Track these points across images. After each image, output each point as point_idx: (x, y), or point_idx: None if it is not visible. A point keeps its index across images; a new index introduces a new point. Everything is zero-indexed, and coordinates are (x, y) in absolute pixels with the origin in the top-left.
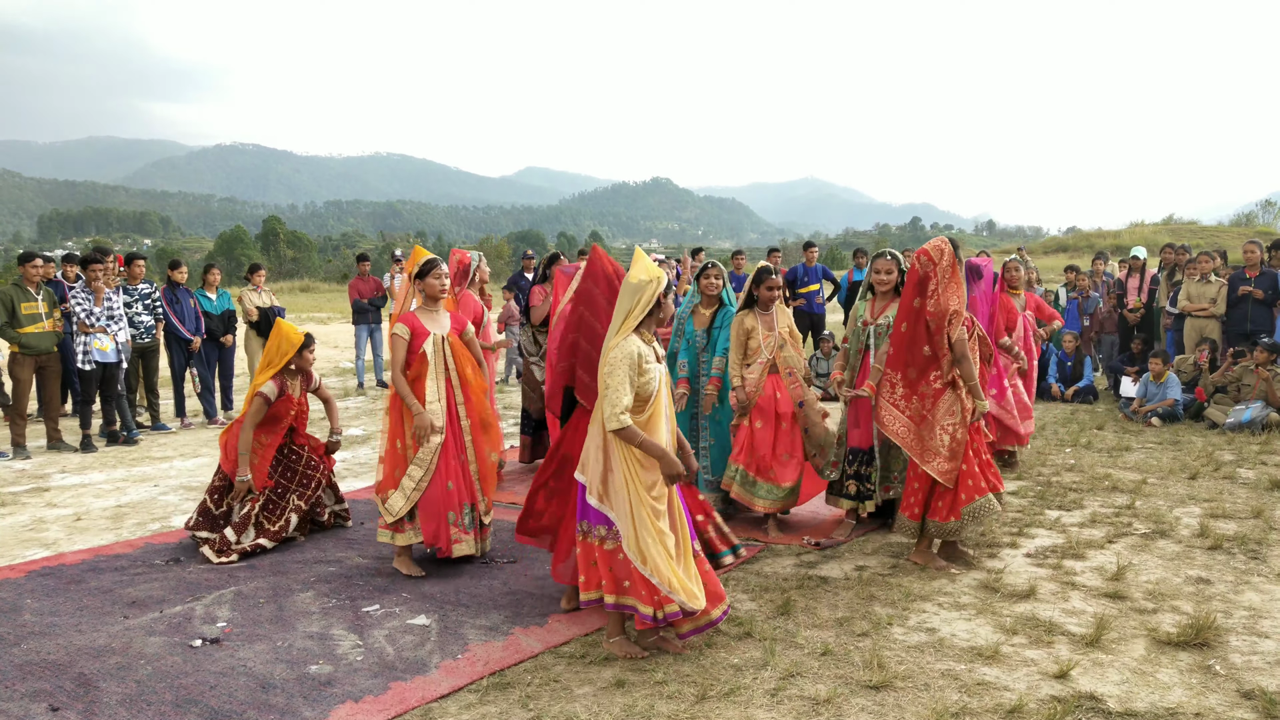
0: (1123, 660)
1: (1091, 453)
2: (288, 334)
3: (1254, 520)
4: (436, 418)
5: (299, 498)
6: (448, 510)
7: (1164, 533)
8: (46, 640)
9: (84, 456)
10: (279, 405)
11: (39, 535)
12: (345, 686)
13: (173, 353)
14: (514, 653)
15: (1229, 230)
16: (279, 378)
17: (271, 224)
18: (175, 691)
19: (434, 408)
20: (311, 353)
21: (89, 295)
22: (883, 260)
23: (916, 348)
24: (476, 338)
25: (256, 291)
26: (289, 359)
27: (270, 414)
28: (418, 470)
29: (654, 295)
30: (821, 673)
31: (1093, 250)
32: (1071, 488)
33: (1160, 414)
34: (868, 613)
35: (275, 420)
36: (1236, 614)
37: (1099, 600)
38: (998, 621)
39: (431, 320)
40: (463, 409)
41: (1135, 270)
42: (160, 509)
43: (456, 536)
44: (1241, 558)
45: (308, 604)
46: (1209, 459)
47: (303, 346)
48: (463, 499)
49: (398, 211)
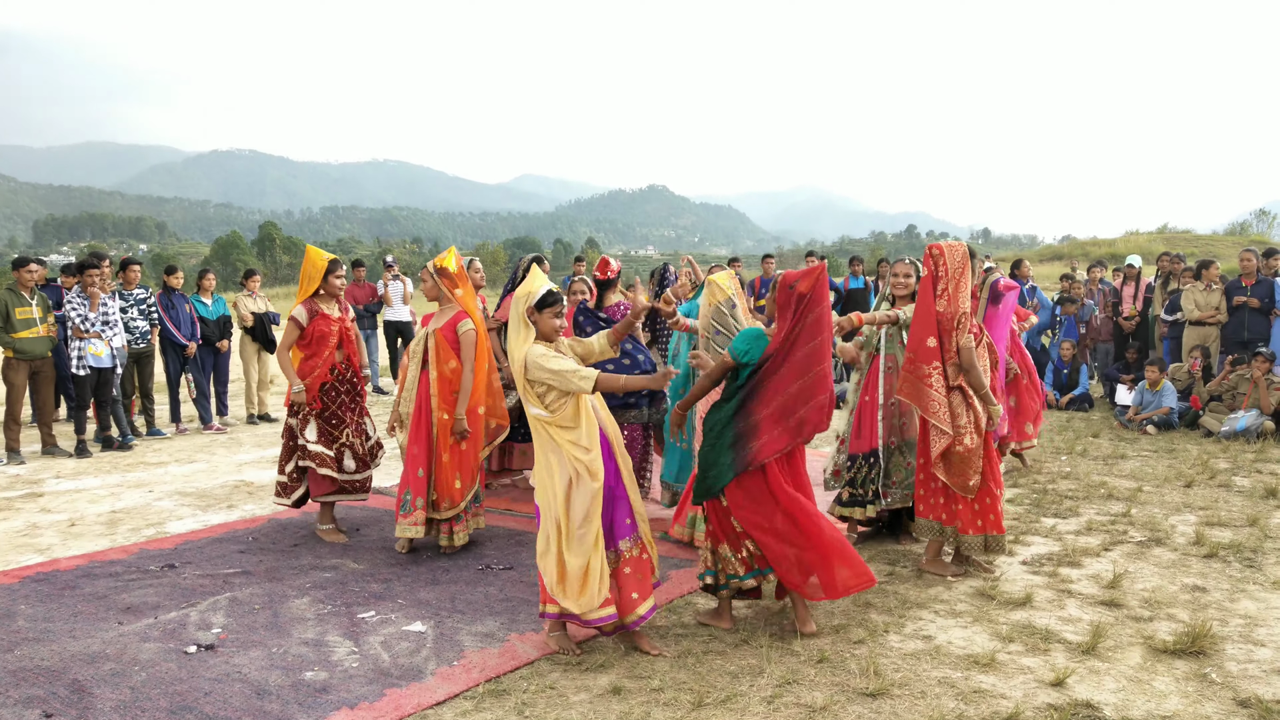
0: (1119, 668)
1: (1087, 460)
2: (313, 258)
3: (1249, 528)
4: (406, 404)
5: (353, 432)
6: (403, 493)
7: (1160, 541)
8: (40, 646)
9: (78, 462)
10: (318, 324)
11: (33, 541)
12: (341, 693)
13: (168, 358)
14: (510, 659)
15: (1223, 239)
16: (309, 302)
17: (268, 229)
18: (170, 698)
19: (407, 395)
20: (338, 278)
21: (84, 300)
22: (901, 264)
23: (923, 337)
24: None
25: (251, 297)
26: (316, 284)
27: (314, 334)
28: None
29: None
30: (818, 680)
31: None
32: (1067, 495)
33: (1156, 422)
34: (864, 620)
35: (321, 341)
36: (1232, 622)
37: (1095, 608)
38: (994, 629)
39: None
40: (435, 400)
41: (1130, 278)
42: (155, 514)
43: (397, 518)
44: (1237, 566)
45: (303, 610)
46: (1204, 467)
47: (328, 271)
48: (409, 484)
49: (394, 217)
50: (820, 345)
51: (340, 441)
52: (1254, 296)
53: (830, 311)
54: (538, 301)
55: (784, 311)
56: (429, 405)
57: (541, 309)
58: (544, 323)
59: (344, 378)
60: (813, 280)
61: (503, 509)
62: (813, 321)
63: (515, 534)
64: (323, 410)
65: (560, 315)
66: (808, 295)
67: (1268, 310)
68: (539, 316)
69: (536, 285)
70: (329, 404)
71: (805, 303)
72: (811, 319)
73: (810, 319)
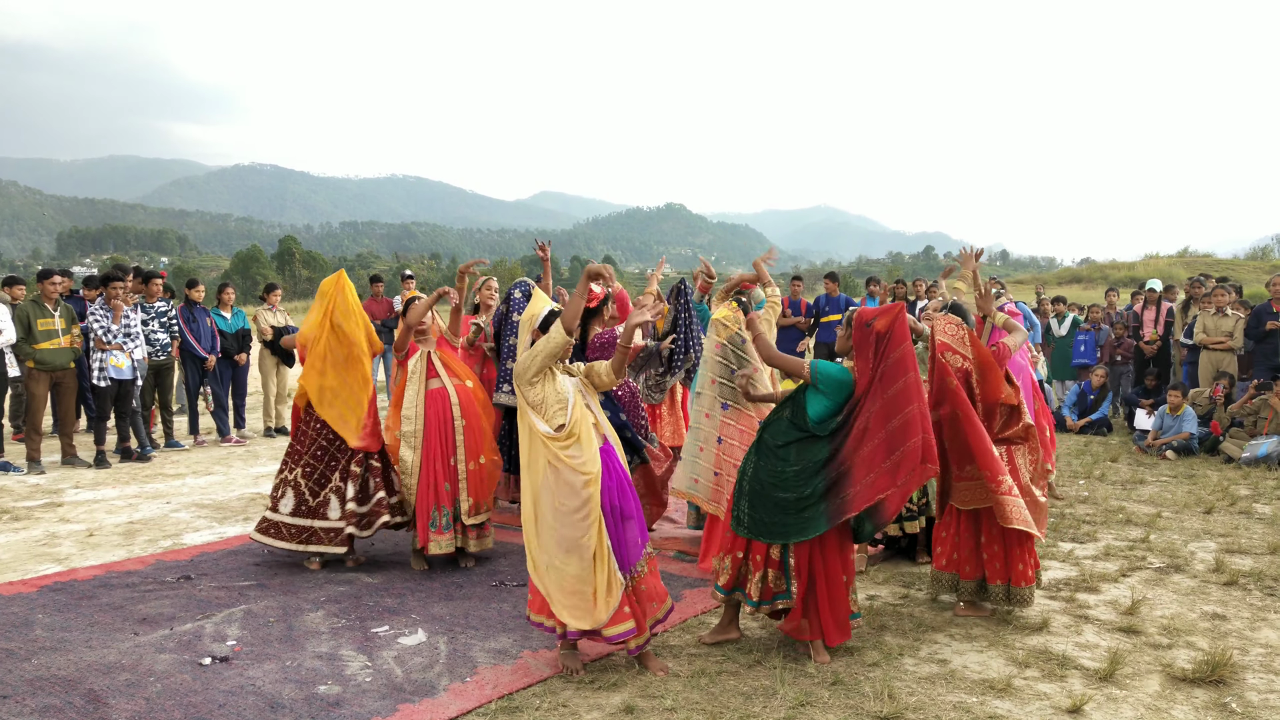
0: (1137, 696)
1: (1105, 485)
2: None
3: (1270, 556)
4: (410, 423)
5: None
6: (428, 510)
7: (1179, 567)
8: (57, 656)
9: (97, 472)
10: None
11: (51, 550)
12: (353, 707)
13: (188, 371)
14: (523, 676)
15: (1244, 264)
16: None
17: (287, 244)
18: (184, 709)
19: (408, 413)
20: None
21: (108, 313)
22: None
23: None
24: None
25: (272, 311)
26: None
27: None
28: (406, 477)
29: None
30: (832, 702)
31: (1106, 281)
32: (1085, 520)
33: (1175, 447)
34: (879, 642)
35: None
36: (1253, 651)
37: (1113, 634)
38: (1010, 654)
39: (422, 340)
40: (457, 410)
41: (1151, 303)
42: (172, 526)
43: (431, 536)
44: (1258, 594)
45: (317, 624)
46: (1224, 493)
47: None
48: (441, 500)
49: (412, 233)
50: (907, 386)
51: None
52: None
53: (913, 351)
54: (541, 323)
55: (863, 350)
56: (448, 417)
57: (545, 329)
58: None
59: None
60: (891, 319)
61: (516, 525)
62: (896, 362)
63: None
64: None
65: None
66: (886, 334)
67: None
68: (542, 337)
69: (540, 307)
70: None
71: (887, 342)
72: (895, 358)
73: (894, 358)
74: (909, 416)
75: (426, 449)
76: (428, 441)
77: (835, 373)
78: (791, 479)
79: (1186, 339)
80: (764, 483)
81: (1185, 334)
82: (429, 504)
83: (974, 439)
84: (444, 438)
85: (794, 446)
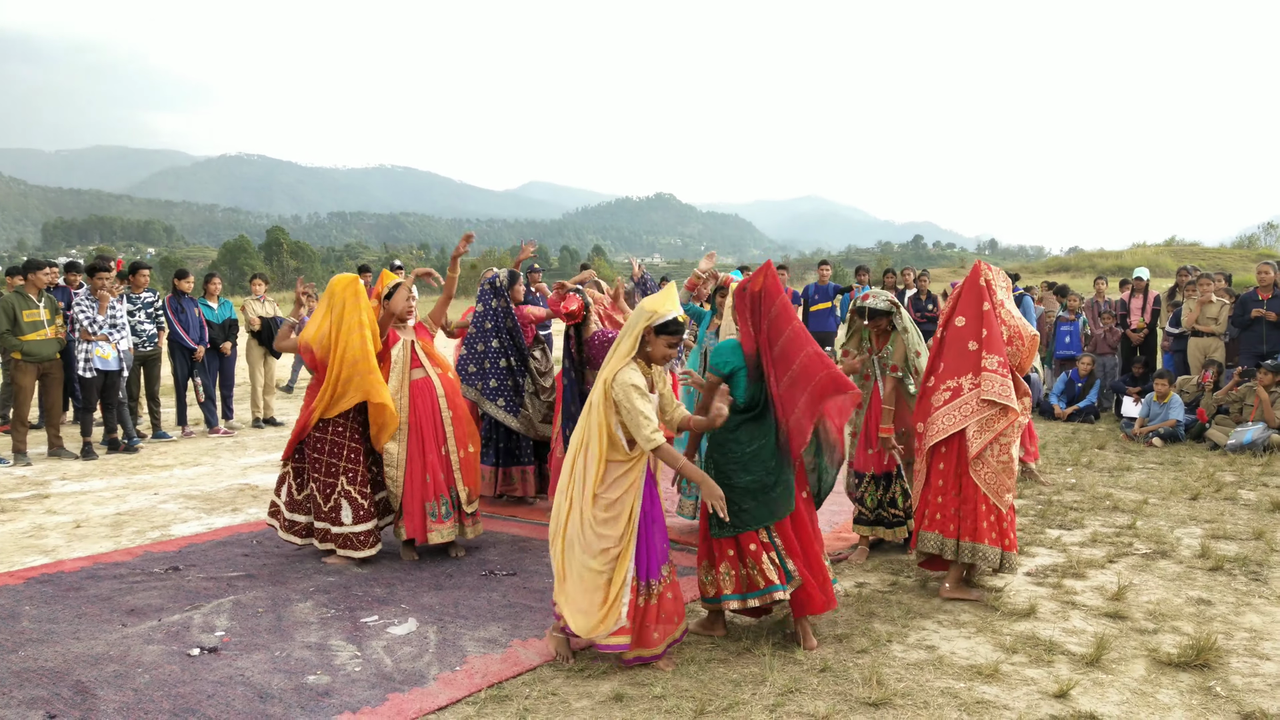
0: (1123, 680)
1: (1093, 472)
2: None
3: (1255, 542)
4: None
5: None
6: (425, 502)
7: (1165, 553)
8: (44, 647)
9: (84, 464)
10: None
11: (38, 542)
12: (343, 697)
13: (176, 361)
14: (512, 665)
15: (1231, 252)
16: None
17: (275, 234)
18: (173, 700)
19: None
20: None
21: (93, 303)
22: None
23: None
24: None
25: (259, 300)
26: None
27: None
28: (392, 469)
29: (640, 330)
30: (820, 689)
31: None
32: (1072, 507)
33: (1162, 434)
34: (867, 629)
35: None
36: (1237, 635)
37: (1099, 620)
38: (998, 640)
39: (401, 329)
40: (444, 401)
41: (1138, 291)
42: (160, 517)
43: (431, 526)
44: (1243, 579)
45: (306, 614)
46: (1210, 480)
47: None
48: (439, 490)
49: (401, 223)
50: (794, 333)
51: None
52: (1271, 310)
53: (790, 304)
54: (660, 325)
55: (743, 314)
56: (436, 407)
57: (660, 333)
58: (656, 347)
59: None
60: (762, 276)
61: (506, 515)
62: (777, 315)
63: (519, 540)
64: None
65: (675, 346)
66: (759, 293)
67: None
68: (654, 339)
69: (666, 307)
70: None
71: (762, 299)
72: (775, 312)
73: (774, 313)
74: (805, 361)
75: (419, 440)
76: (420, 433)
77: (721, 346)
78: (751, 459)
79: (1173, 327)
80: (727, 472)
81: (1170, 322)
82: (426, 495)
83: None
84: (436, 428)
85: (744, 427)
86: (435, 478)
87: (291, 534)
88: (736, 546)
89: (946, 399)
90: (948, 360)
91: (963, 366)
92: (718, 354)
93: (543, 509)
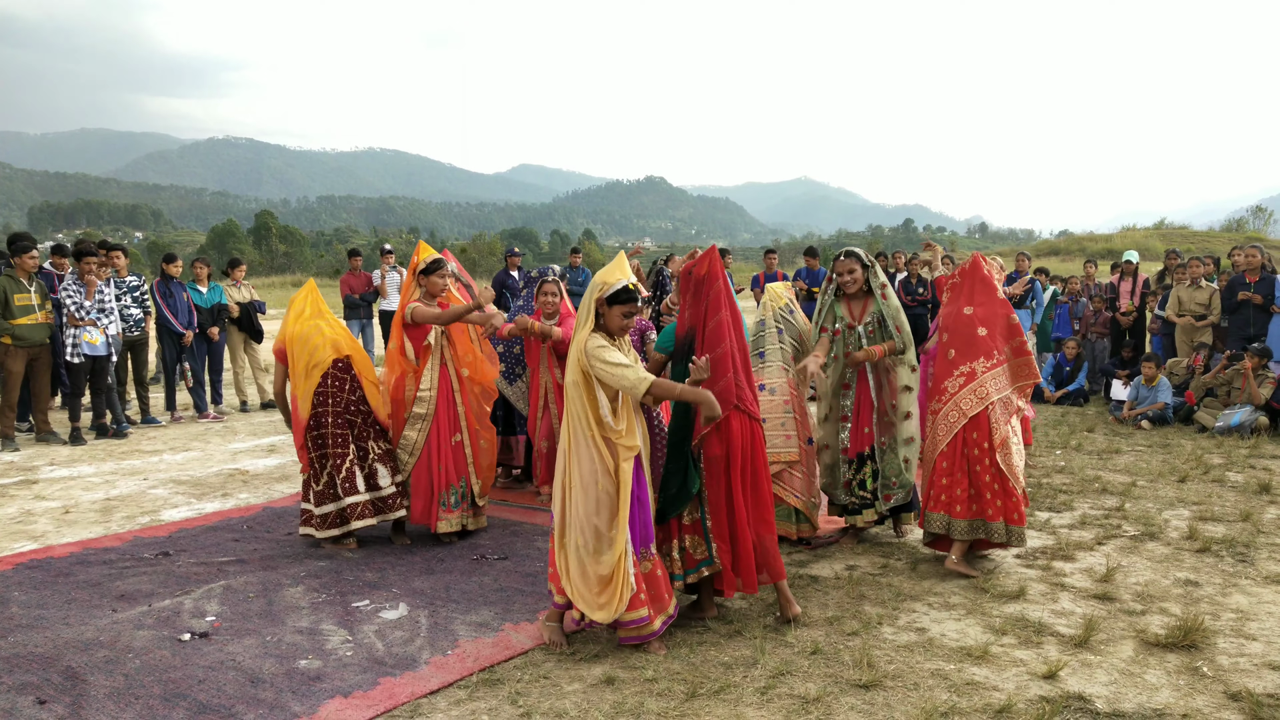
0: (1111, 661)
1: (1082, 455)
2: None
3: (1242, 523)
4: (425, 405)
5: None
6: (437, 491)
7: (1153, 535)
8: (34, 633)
9: (73, 449)
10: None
11: (27, 528)
12: (335, 681)
13: (165, 346)
14: (504, 649)
15: (1220, 235)
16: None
17: (264, 218)
18: (163, 685)
19: (425, 395)
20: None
21: (80, 288)
22: (843, 262)
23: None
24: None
25: (236, 286)
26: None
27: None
28: (405, 455)
29: (593, 303)
30: (811, 671)
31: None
32: (1062, 489)
33: (1150, 417)
34: (858, 612)
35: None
36: (1224, 616)
37: (1088, 601)
38: (987, 622)
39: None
40: (458, 395)
41: (1128, 274)
42: (150, 502)
43: (440, 515)
44: (1229, 560)
45: (297, 599)
46: (1198, 462)
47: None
48: (451, 480)
49: (391, 207)
50: (720, 323)
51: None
52: (1258, 293)
53: (730, 291)
54: (611, 295)
55: (686, 295)
56: (454, 399)
57: (612, 303)
58: (611, 317)
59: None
60: (707, 259)
61: (498, 500)
62: (713, 298)
63: (510, 524)
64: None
65: (631, 315)
66: (702, 277)
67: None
68: (607, 310)
69: (614, 277)
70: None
71: (705, 281)
72: (711, 295)
73: (710, 295)
74: (720, 355)
75: (437, 430)
76: (438, 425)
77: (669, 329)
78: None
79: (1161, 311)
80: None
81: (1159, 305)
82: (440, 484)
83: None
84: (453, 419)
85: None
86: (449, 467)
87: (328, 529)
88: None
89: (962, 384)
90: (958, 346)
91: (974, 352)
92: (663, 336)
93: (531, 492)
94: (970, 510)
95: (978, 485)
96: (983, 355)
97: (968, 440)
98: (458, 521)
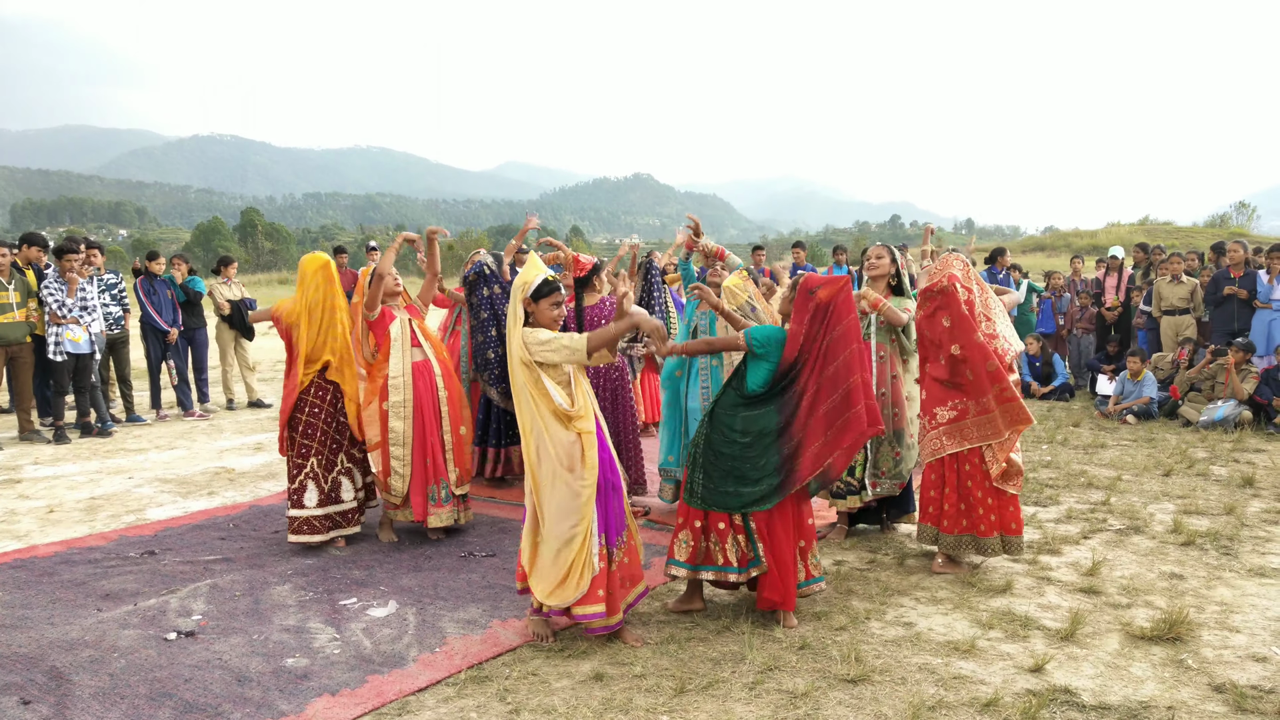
0: (1097, 654)
1: (1067, 450)
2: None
3: (1226, 517)
4: (399, 390)
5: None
6: (426, 485)
7: (1138, 529)
8: (18, 633)
9: (57, 448)
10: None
11: (11, 527)
12: (322, 680)
13: (149, 344)
14: (492, 646)
15: (1204, 231)
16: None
17: (250, 216)
18: (149, 685)
19: (396, 382)
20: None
21: (62, 286)
22: (876, 248)
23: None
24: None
25: (227, 284)
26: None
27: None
28: (399, 449)
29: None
30: (800, 667)
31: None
32: (1048, 484)
33: (1135, 412)
34: (845, 607)
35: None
36: (1209, 609)
37: (1074, 595)
38: (974, 616)
39: (394, 305)
40: (441, 381)
41: (1113, 270)
42: (135, 501)
43: (431, 510)
44: (1214, 553)
45: (284, 597)
46: (1183, 456)
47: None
48: (440, 474)
49: (377, 204)
50: (849, 359)
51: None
52: (1241, 288)
53: (858, 325)
54: (534, 291)
55: (800, 314)
56: (435, 387)
57: (538, 299)
58: (541, 313)
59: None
60: (835, 290)
61: (485, 496)
62: (839, 337)
63: (498, 521)
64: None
65: (559, 305)
66: (828, 306)
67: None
68: (535, 306)
69: (532, 275)
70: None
71: (830, 315)
72: (839, 333)
73: (837, 333)
74: (851, 387)
75: (420, 423)
76: (421, 415)
77: (772, 332)
78: (743, 450)
79: (1146, 306)
80: (718, 453)
81: (1144, 300)
82: (428, 478)
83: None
84: (435, 411)
85: (741, 416)
86: (436, 460)
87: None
88: (704, 520)
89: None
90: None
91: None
92: (766, 336)
93: (520, 490)
94: (959, 525)
95: (969, 501)
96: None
97: (959, 458)
98: (449, 516)
